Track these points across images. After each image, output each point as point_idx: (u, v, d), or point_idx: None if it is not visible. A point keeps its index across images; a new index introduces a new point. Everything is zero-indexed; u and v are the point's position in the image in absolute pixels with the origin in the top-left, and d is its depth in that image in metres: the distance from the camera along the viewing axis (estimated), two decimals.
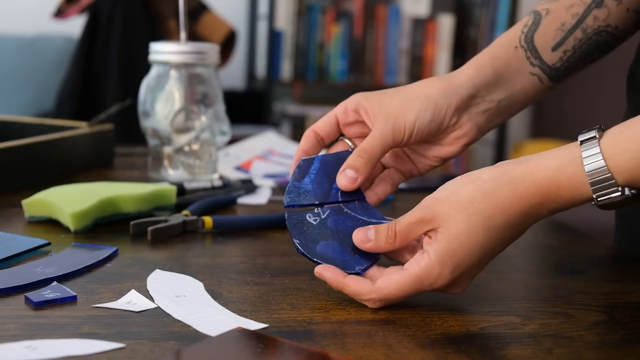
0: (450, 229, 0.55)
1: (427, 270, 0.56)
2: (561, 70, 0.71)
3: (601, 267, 0.76)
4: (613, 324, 0.57)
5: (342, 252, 0.61)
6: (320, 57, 3.13)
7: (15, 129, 1.10)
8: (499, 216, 0.55)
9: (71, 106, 2.05)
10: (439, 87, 0.67)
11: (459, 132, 0.68)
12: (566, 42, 0.71)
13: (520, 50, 0.70)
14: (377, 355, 0.49)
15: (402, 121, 0.64)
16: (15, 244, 0.67)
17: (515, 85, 0.70)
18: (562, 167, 0.54)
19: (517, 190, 0.55)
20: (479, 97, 0.68)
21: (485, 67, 0.69)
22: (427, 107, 0.66)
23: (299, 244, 0.61)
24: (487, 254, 0.57)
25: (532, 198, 0.55)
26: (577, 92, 3.28)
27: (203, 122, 0.98)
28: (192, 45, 0.98)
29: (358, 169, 0.63)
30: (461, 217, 0.55)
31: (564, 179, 0.54)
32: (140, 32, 2.06)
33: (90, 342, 0.49)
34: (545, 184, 0.54)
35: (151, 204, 0.81)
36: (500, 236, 0.56)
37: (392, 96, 0.66)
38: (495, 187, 0.56)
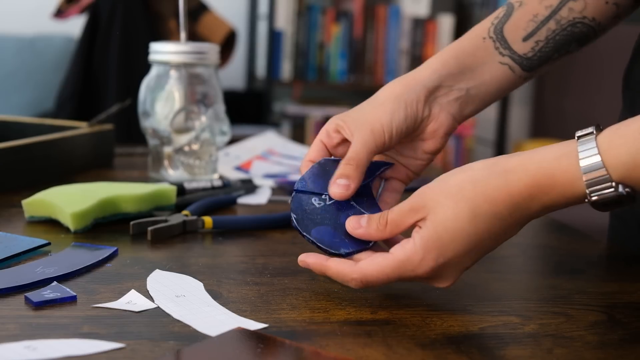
0: (437, 215, 0.55)
1: (410, 255, 0.56)
2: (534, 60, 0.72)
3: (601, 267, 0.76)
4: (613, 324, 0.57)
5: (334, 236, 0.61)
6: (320, 57, 3.13)
7: (15, 129, 1.10)
8: (487, 205, 0.55)
9: (71, 106, 2.05)
10: (404, 85, 0.68)
11: (435, 123, 0.68)
12: (538, 32, 0.71)
13: (488, 41, 0.71)
14: (377, 355, 0.49)
15: (379, 125, 0.65)
16: (15, 244, 0.67)
17: (483, 75, 0.70)
18: (556, 159, 0.54)
19: (507, 179, 0.55)
20: (446, 87, 0.69)
21: (449, 59, 0.70)
22: (399, 105, 0.66)
23: (296, 218, 0.62)
24: (476, 244, 0.56)
25: (524, 189, 0.54)
26: (577, 92, 3.28)
27: (203, 122, 0.98)
28: (192, 45, 0.98)
29: (349, 175, 0.63)
30: (448, 203, 0.55)
31: (558, 171, 0.53)
32: (140, 32, 2.06)
33: (90, 342, 0.49)
34: (538, 176, 0.54)
35: (151, 204, 0.81)
36: (488, 226, 0.55)
37: (363, 107, 0.68)
38: (485, 176, 0.55)
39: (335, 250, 0.60)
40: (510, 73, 0.71)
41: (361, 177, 0.63)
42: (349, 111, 0.68)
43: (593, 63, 3.22)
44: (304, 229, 0.62)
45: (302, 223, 0.62)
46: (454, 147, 3.39)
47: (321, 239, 0.61)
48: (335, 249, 0.60)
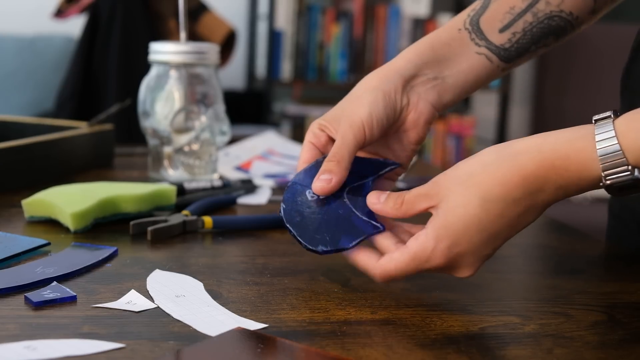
0: (448, 203, 0.55)
1: (423, 245, 0.56)
2: (511, 51, 0.72)
3: (601, 267, 0.76)
4: (613, 324, 0.57)
5: (316, 232, 0.61)
6: (320, 57, 3.13)
7: (15, 129, 1.10)
8: (498, 188, 0.54)
9: (71, 106, 2.05)
10: (380, 76, 0.68)
11: (415, 112, 0.68)
12: (515, 24, 0.71)
13: (463, 32, 0.71)
14: (377, 355, 0.49)
15: (357, 118, 0.65)
16: (15, 244, 0.67)
17: (460, 64, 0.70)
18: (571, 141, 0.53)
19: (518, 161, 0.54)
20: (422, 75, 0.69)
21: (425, 49, 0.70)
22: (376, 96, 0.66)
23: (284, 208, 0.62)
24: (490, 230, 0.55)
25: (536, 170, 0.54)
26: (577, 92, 3.28)
27: (203, 122, 0.98)
28: (192, 45, 0.98)
29: (331, 170, 0.63)
30: (459, 190, 0.55)
31: (573, 152, 0.53)
32: (140, 32, 2.06)
33: (90, 342, 0.49)
34: (552, 157, 0.53)
35: (151, 204, 0.81)
36: (501, 210, 0.55)
37: (342, 104, 0.68)
38: (495, 159, 0.55)
39: (313, 247, 0.60)
40: (488, 63, 0.71)
41: (344, 172, 0.63)
42: (331, 110, 0.69)
43: (593, 63, 3.22)
44: (288, 220, 0.62)
45: (289, 213, 0.62)
46: (454, 147, 3.39)
47: (301, 233, 0.61)
48: (313, 246, 0.60)
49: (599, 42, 3.18)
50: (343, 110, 0.67)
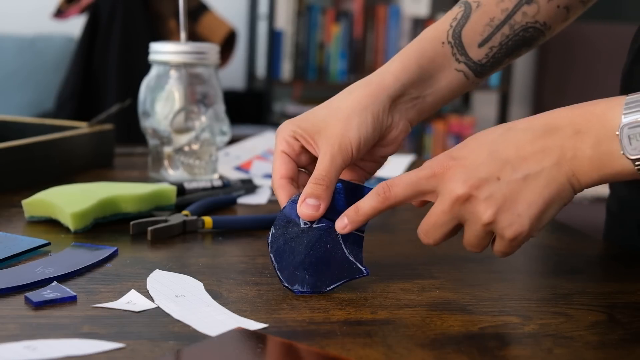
0: (471, 137, 0.59)
1: (438, 162, 0.59)
2: (486, 66, 0.72)
3: (601, 267, 0.76)
4: (613, 324, 0.57)
5: (297, 266, 0.61)
6: (320, 57, 3.13)
7: (15, 129, 1.10)
8: (524, 124, 0.57)
9: (71, 106, 2.05)
10: (369, 95, 0.66)
11: (395, 131, 0.68)
12: (493, 38, 0.71)
13: (446, 47, 0.71)
14: (377, 355, 0.49)
15: (347, 141, 0.63)
16: (15, 244, 0.67)
17: (440, 82, 0.71)
18: (601, 102, 0.56)
19: (549, 113, 0.57)
20: (407, 95, 0.69)
21: (412, 64, 0.69)
22: (366, 118, 0.65)
23: (272, 234, 0.61)
24: (498, 152, 0.56)
25: (564, 112, 0.56)
26: (577, 92, 3.28)
27: (203, 122, 0.98)
28: (192, 45, 0.98)
29: (319, 196, 0.61)
30: (485, 131, 0.59)
31: (601, 110, 0.55)
32: (140, 32, 2.06)
33: (90, 342, 0.49)
34: (581, 111, 0.56)
35: (151, 204, 0.81)
36: (517, 137, 0.56)
37: (324, 116, 0.65)
38: (524, 119, 0.58)
39: (289, 286, 0.60)
40: (464, 79, 0.72)
41: (330, 196, 0.62)
42: (304, 116, 0.66)
43: (593, 63, 3.22)
44: (272, 247, 0.61)
45: (275, 240, 0.61)
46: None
47: (282, 267, 0.61)
48: (289, 284, 0.60)
49: (598, 42, 3.19)
50: (327, 127, 0.64)
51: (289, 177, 0.65)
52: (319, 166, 0.62)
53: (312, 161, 0.65)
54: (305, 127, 0.64)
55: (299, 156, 0.65)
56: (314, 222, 0.61)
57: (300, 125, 0.65)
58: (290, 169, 0.65)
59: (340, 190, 0.63)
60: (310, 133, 0.64)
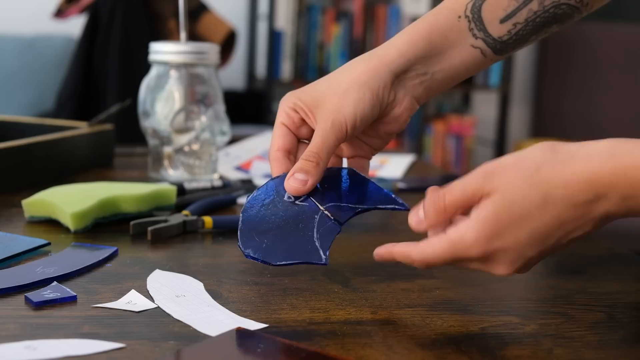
0: (505, 196, 0.51)
1: (463, 234, 0.51)
2: (509, 44, 0.67)
3: (601, 267, 0.76)
4: (613, 324, 0.57)
5: (261, 233, 0.60)
6: (320, 57, 3.13)
7: (15, 129, 1.10)
8: (562, 190, 0.50)
9: (71, 106, 2.05)
10: (370, 70, 0.63)
11: (399, 107, 0.65)
12: (518, 14, 0.66)
13: (463, 21, 0.66)
14: (377, 355, 0.49)
15: (342, 117, 0.61)
16: (15, 244, 0.67)
17: (453, 59, 0.66)
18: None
19: (590, 163, 0.50)
20: (413, 71, 0.65)
21: (420, 39, 0.65)
22: (364, 95, 0.62)
23: (252, 196, 0.62)
24: (540, 232, 0.51)
25: (606, 175, 0.49)
26: (577, 92, 3.28)
27: (203, 122, 0.98)
28: (192, 45, 0.98)
29: (308, 171, 0.60)
30: (521, 185, 0.51)
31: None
32: (140, 32, 2.06)
33: (90, 342, 0.49)
34: (625, 163, 0.49)
35: (151, 204, 0.81)
36: (559, 212, 0.50)
37: (324, 90, 0.63)
38: (566, 158, 0.50)
39: (243, 248, 0.60)
40: (481, 57, 0.67)
41: (321, 174, 0.60)
42: (306, 88, 0.64)
43: (593, 63, 3.22)
44: (245, 209, 0.61)
45: (251, 205, 0.61)
46: (454, 147, 3.39)
47: (246, 229, 0.60)
48: (244, 247, 0.59)
49: (599, 42, 3.19)
50: (325, 101, 0.62)
51: (286, 150, 0.64)
52: (312, 142, 0.61)
53: (313, 133, 0.64)
54: (305, 99, 0.63)
55: (298, 128, 0.64)
56: (299, 199, 0.61)
57: (301, 97, 0.63)
58: (288, 142, 0.64)
59: (347, 179, 0.62)
60: (310, 106, 0.63)
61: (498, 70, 3.28)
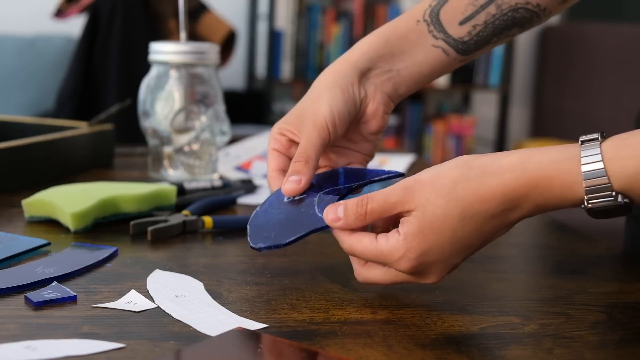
0: (426, 214, 0.54)
1: (392, 249, 0.55)
2: (470, 44, 0.71)
3: (601, 267, 0.76)
4: (613, 324, 0.57)
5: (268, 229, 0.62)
6: (320, 57, 3.13)
7: (15, 129, 1.10)
8: (479, 204, 0.54)
9: (71, 106, 2.05)
10: (336, 71, 0.68)
11: (373, 103, 0.69)
12: (477, 16, 0.70)
13: (422, 24, 0.70)
14: (377, 355, 0.49)
15: (320, 117, 0.65)
16: (15, 244, 0.67)
17: (415, 57, 0.70)
18: (557, 162, 0.52)
19: (503, 178, 0.53)
20: (378, 68, 0.69)
21: (379, 41, 0.70)
22: (335, 92, 0.66)
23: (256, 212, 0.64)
24: (463, 243, 0.55)
25: (519, 188, 0.53)
26: (577, 92, 3.28)
27: (203, 122, 0.98)
28: (192, 45, 0.98)
29: (299, 171, 0.63)
30: (440, 202, 0.54)
31: (557, 174, 0.52)
32: (140, 32, 2.06)
33: (90, 342, 0.49)
34: (536, 176, 0.52)
35: (151, 204, 0.81)
36: (478, 225, 0.54)
37: (302, 104, 0.68)
38: (479, 174, 0.54)
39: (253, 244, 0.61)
40: (444, 56, 0.71)
41: (312, 170, 0.64)
42: (290, 112, 0.69)
43: (593, 63, 3.22)
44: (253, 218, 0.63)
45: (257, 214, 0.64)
46: (454, 147, 3.39)
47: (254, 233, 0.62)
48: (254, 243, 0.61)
49: (599, 42, 3.19)
50: (304, 111, 0.67)
51: (280, 170, 0.68)
52: (300, 146, 0.65)
53: None
54: (290, 120, 0.69)
55: (288, 150, 0.69)
56: (296, 197, 0.64)
57: (286, 120, 0.69)
58: (281, 162, 0.68)
59: (342, 172, 0.66)
60: (294, 124, 0.68)
61: (498, 70, 3.28)
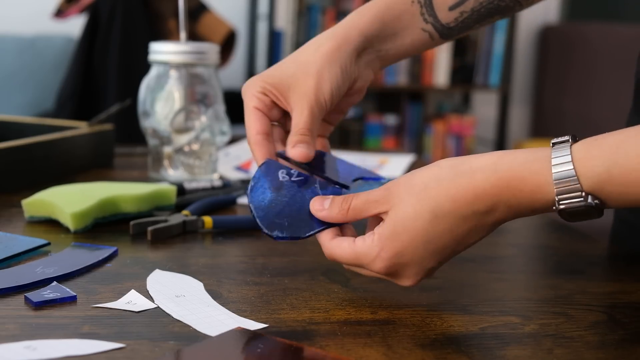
0: (398, 213, 0.55)
1: (367, 249, 0.56)
2: (454, 30, 0.73)
3: (601, 267, 0.76)
4: (613, 324, 0.57)
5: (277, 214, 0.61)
6: None
7: (15, 129, 1.10)
8: (449, 204, 0.53)
9: (71, 106, 2.05)
10: (337, 49, 0.68)
11: (361, 80, 0.71)
12: (466, 3, 0.71)
13: (416, 5, 0.71)
14: (377, 355, 0.49)
15: (322, 95, 0.66)
16: (15, 244, 0.67)
17: (404, 39, 0.72)
18: (528, 162, 0.52)
19: (473, 178, 0.53)
20: (371, 48, 0.71)
21: (375, 21, 0.70)
22: (336, 72, 0.67)
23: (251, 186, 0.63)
24: (436, 244, 0.55)
25: (489, 188, 0.53)
26: (577, 92, 3.28)
27: (203, 122, 0.98)
28: (192, 45, 0.98)
29: (308, 142, 0.65)
30: (411, 201, 0.54)
31: (528, 174, 0.52)
32: (140, 32, 2.06)
33: (90, 342, 0.49)
34: (507, 176, 0.52)
35: (151, 204, 0.81)
36: (450, 226, 0.54)
37: (293, 72, 0.67)
38: (451, 175, 0.54)
39: (269, 232, 0.60)
40: (429, 40, 0.73)
41: (314, 145, 0.66)
42: (270, 72, 0.68)
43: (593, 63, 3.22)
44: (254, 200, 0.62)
45: (256, 193, 0.62)
46: (454, 147, 3.39)
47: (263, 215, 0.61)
48: (269, 230, 0.60)
49: (599, 42, 3.19)
50: (298, 84, 0.66)
51: (265, 133, 0.67)
52: (301, 120, 0.65)
53: (284, 115, 0.69)
54: (273, 82, 0.67)
55: (270, 111, 0.68)
56: (293, 176, 0.63)
57: (268, 81, 0.67)
58: (265, 124, 0.67)
59: (320, 155, 0.67)
60: (280, 89, 0.67)
61: (498, 70, 3.29)
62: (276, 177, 0.63)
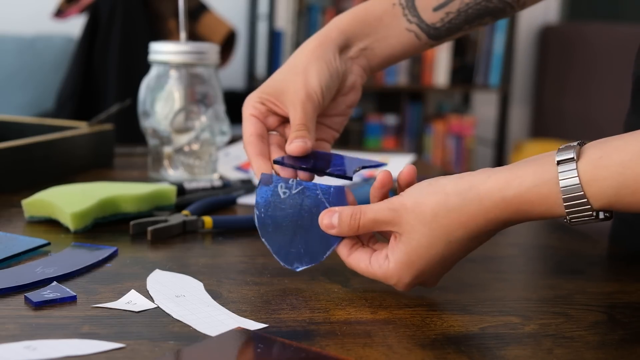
0: (412, 241, 0.57)
1: (385, 275, 0.59)
2: (442, 30, 0.73)
3: (601, 267, 0.76)
4: (613, 324, 0.57)
5: (290, 243, 0.62)
6: None
7: (15, 129, 1.10)
8: (462, 231, 0.56)
9: (71, 106, 2.05)
10: (319, 46, 0.70)
11: (352, 75, 0.73)
12: (450, 4, 0.72)
13: (397, 8, 0.73)
14: (377, 355, 0.49)
15: (311, 89, 0.68)
16: (15, 244, 0.67)
17: (388, 38, 0.73)
18: (536, 187, 0.53)
19: (482, 205, 0.55)
20: (354, 46, 0.73)
21: (356, 21, 0.73)
22: (321, 66, 0.69)
23: (257, 216, 0.64)
24: (452, 259, 0.58)
25: (500, 214, 0.54)
26: (577, 92, 3.28)
27: (203, 122, 0.98)
28: (192, 45, 0.98)
29: (304, 136, 0.66)
30: (423, 230, 0.56)
31: (537, 198, 0.53)
32: (140, 32, 2.06)
33: (90, 342, 0.49)
34: (516, 202, 0.54)
35: (151, 204, 0.81)
36: (463, 246, 0.57)
37: (283, 77, 0.70)
38: (459, 203, 0.55)
39: (289, 266, 0.62)
40: (416, 40, 0.74)
41: (314, 138, 0.67)
42: (266, 83, 0.71)
43: (593, 63, 3.22)
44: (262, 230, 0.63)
45: (262, 222, 0.63)
46: (454, 147, 3.39)
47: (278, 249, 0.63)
48: (289, 264, 0.62)
49: (598, 42, 3.19)
50: (290, 85, 0.68)
51: (257, 134, 0.69)
52: (295, 117, 0.67)
53: (281, 123, 0.71)
54: (268, 91, 0.70)
55: (266, 118, 0.70)
56: (293, 188, 0.63)
57: (264, 90, 0.70)
58: (258, 127, 0.69)
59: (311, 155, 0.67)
60: (275, 95, 0.69)
61: (498, 70, 3.29)
62: (277, 194, 0.64)
